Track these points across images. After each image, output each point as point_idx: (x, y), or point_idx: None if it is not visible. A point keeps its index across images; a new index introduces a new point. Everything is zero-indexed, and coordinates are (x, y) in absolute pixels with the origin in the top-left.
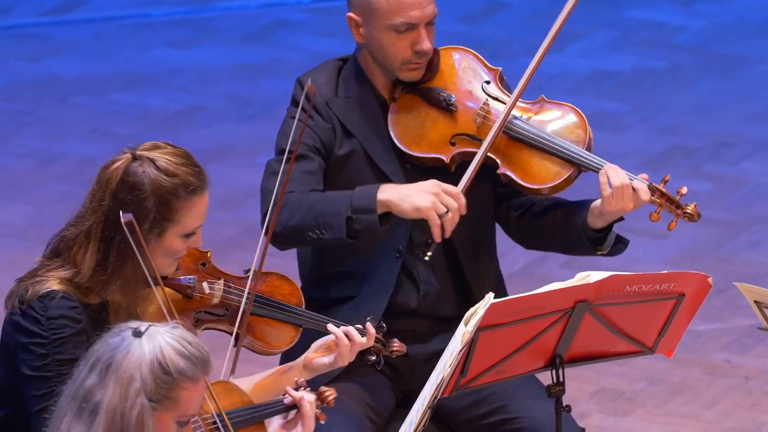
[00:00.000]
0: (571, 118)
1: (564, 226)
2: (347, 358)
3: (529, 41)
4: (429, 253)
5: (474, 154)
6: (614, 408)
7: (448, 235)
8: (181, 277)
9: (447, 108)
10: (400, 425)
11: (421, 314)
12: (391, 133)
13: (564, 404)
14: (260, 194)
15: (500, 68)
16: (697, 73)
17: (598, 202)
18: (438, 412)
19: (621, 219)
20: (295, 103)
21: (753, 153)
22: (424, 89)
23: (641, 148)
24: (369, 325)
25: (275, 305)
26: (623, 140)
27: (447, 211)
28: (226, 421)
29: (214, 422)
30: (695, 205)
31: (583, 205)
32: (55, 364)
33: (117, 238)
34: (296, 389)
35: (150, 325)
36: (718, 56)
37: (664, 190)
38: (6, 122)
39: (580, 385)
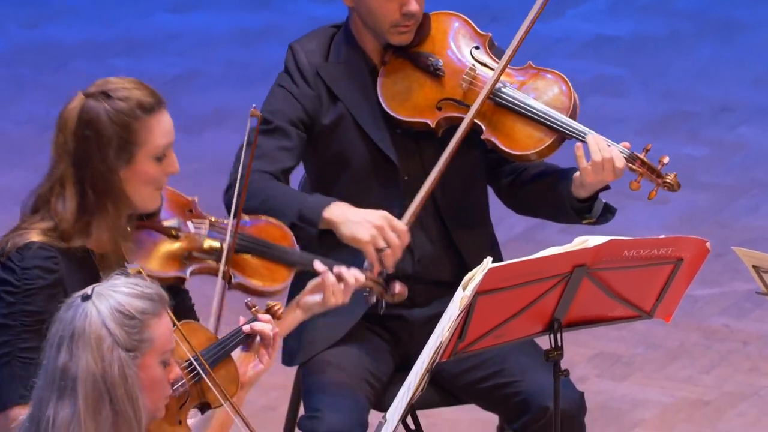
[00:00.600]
0: (557, 85)
1: (550, 194)
2: (341, 298)
3: (529, 6)
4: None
5: (460, 119)
6: (612, 372)
7: (390, 270)
8: (166, 218)
9: (434, 73)
10: (399, 389)
11: (418, 279)
12: (380, 97)
13: (562, 368)
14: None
15: (490, 34)
16: (697, 39)
17: (578, 173)
18: (436, 376)
19: (607, 188)
20: (286, 70)
21: (752, 118)
22: (413, 53)
23: (641, 112)
24: (358, 271)
25: (264, 244)
26: (623, 105)
27: (387, 247)
28: (203, 362)
29: (191, 367)
30: (675, 175)
31: (567, 174)
32: (20, 314)
33: (88, 175)
34: (251, 317)
35: (94, 286)
36: (718, 22)
37: (645, 159)
38: (6, 88)
39: (578, 350)
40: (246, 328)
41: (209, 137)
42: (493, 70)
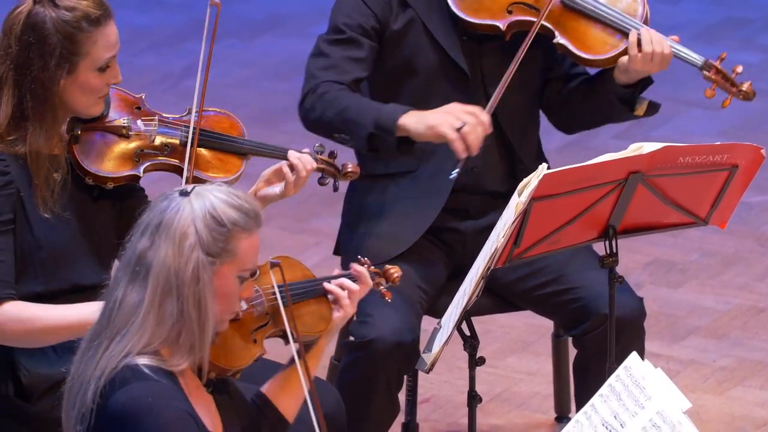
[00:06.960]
0: None
1: (594, 92)
2: (291, 190)
3: None
4: (455, 170)
5: (530, 23)
6: (667, 279)
7: (474, 152)
8: (115, 118)
9: None
10: (451, 297)
11: (473, 190)
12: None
13: (617, 275)
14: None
15: None
16: None
17: (624, 58)
18: (492, 283)
19: (650, 82)
20: None
21: None
22: None
23: (695, 19)
24: (308, 157)
25: (215, 136)
26: (678, 11)
27: (464, 124)
28: (287, 292)
29: (275, 294)
30: (750, 84)
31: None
32: None
33: (28, 81)
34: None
35: (196, 186)
36: None
37: (720, 67)
38: None
39: (633, 256)
40: (331, 285)
41: (263, 42)
42: None
